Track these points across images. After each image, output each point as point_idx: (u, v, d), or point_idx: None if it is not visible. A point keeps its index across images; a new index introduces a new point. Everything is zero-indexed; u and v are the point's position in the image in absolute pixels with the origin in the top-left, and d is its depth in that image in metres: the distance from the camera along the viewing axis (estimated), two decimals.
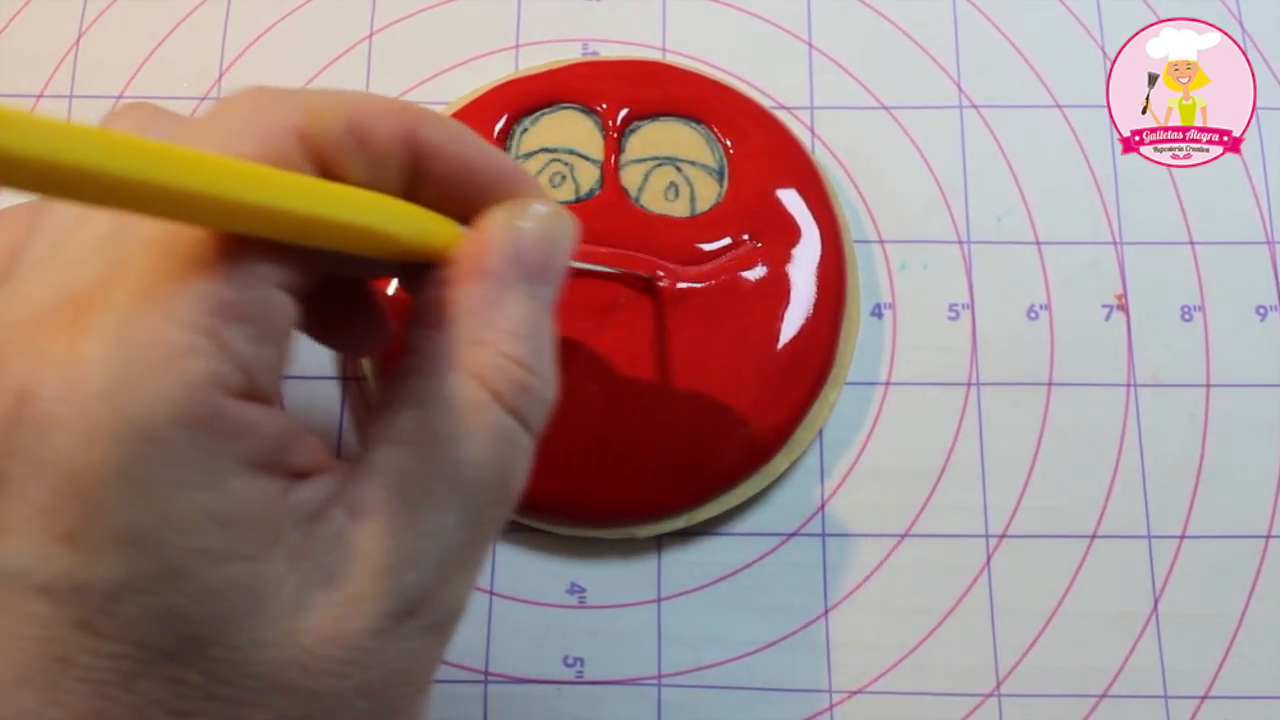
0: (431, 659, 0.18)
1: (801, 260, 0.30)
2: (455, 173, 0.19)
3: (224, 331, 0.15)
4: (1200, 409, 0.30)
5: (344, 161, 0.17)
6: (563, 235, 0.20)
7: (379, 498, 0.17)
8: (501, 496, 0.18)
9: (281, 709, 0.16)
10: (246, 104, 0.17)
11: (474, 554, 0.18)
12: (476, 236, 0.19)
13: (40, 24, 0.34)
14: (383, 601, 0.16)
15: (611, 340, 0.29)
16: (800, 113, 0.33)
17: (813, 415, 0.29)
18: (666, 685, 0.29)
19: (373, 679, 0.16)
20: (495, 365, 0.18)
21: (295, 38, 0.34)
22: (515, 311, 0.18)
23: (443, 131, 0.18)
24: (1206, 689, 0.28)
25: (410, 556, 0.17)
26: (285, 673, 0.16)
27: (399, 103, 0.18)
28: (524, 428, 0.18)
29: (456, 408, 0.17)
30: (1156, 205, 0.32)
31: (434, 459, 0.17)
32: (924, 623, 0.29)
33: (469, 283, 0.18)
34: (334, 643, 0.16)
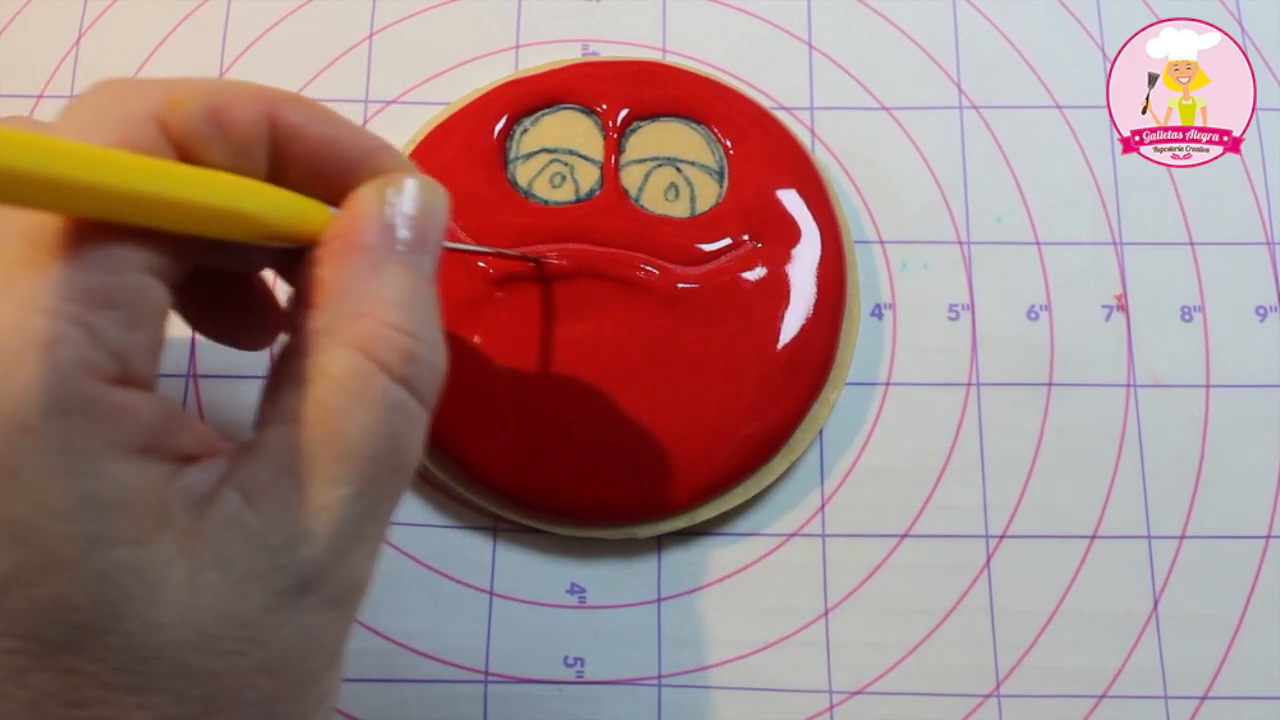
0: (334, 633, 0.18)
1: (801, 260, 0.30)
2: (321, 153, 0.19)
3: (92, 318, 0.15)
4: (1200, 409, 0.30)
5: (205, 147, 0.17)
6: (435, 205, 0.20)
7: (269, 476, 0.17)
8: (394, 467, 0.18)
9: (180, 691, 0.16)
10: (103, 95, 0.17)
11: (370, 526, 0.18)
12: (348, 212, 0.19)
13: (40, 24, 0.34)
14: (276, 578, 0.16)
15: (612, 340, 0.29)
16: (800, 113, 0.33)
17: (813, 415, 0.29)
18: (667, 685, 0.29)
19: (273, 655, 0.16)
20: (378, 335, 0.17)
21: (295, 38, 0.34)
22: (394, 282, 0.18)
23: (305, 112, 0.19)
24: (1206, 689, 0.28)
25: (303, 533, 0.17)
26: (181, 655, 0.16)
27: (258, 86, 0.18)
28: (414, 396, 0.18)
29: (342, 381, 0.17)
30: (1156, 205, 0.32)
31: (322, 434, 0.17)
32: (924, 623, 0.29)
33: (344, 259, 0.18)
34: (229, 622, 0.16)
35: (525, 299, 0.29)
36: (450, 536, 0.30)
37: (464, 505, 0.30)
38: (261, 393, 0.18)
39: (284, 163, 0.18)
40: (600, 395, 0.28)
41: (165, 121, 0.17)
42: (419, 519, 0.30)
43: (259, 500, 0.17)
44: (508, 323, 0.29)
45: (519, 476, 0.28)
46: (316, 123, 0.19)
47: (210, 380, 0.31)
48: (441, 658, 0.29)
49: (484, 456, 0.28)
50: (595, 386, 0.29)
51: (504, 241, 0.29)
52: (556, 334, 0.29)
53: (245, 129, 0.18)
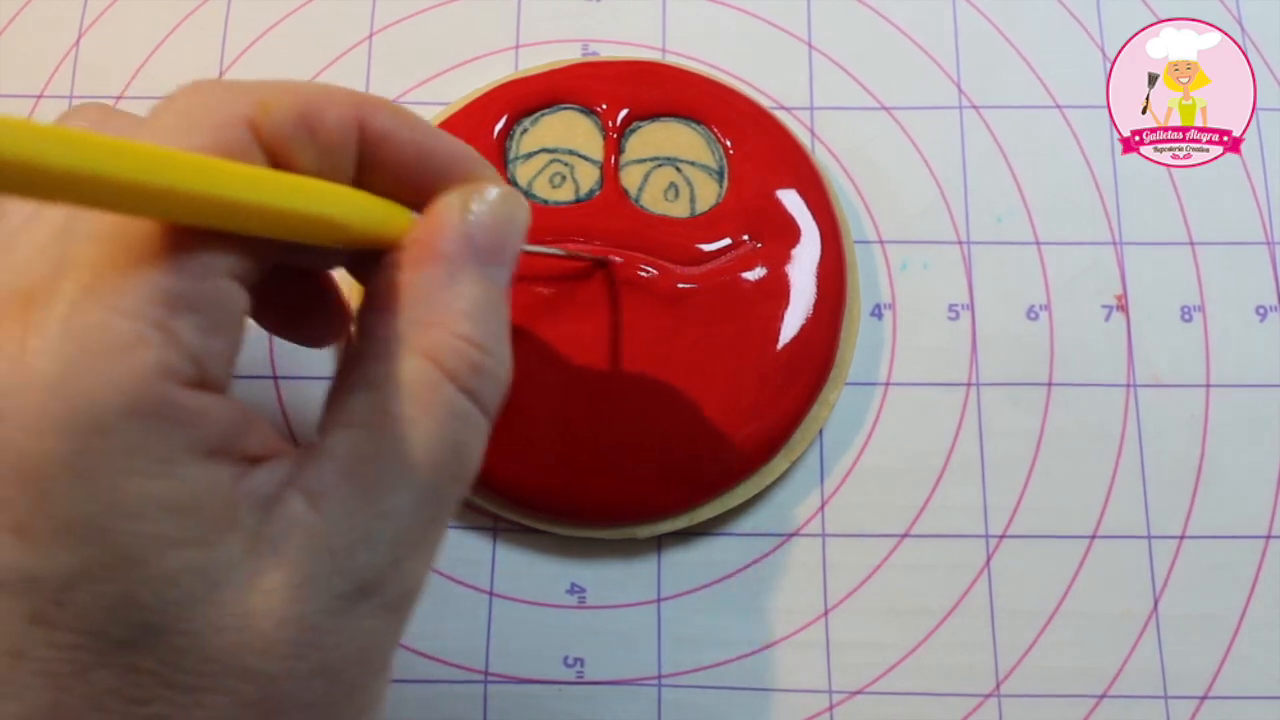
0: (388, 639, 0.18)
1: (801, 260, 0.30)
2: (407, 159, 0.19)
3: (173, 322, 0.15)
4: (1200, 409, 0.30)
5: (295, 150, 0.17)
6: (516, 217, 0.20)
7: (333, 480, 0.17)
8: (456, 476, 0.18)
9: (239, 693, 0.16)
10: (196, 98, 0.17)
11: (429, 534, 0.18)
12: (428, 220, 0.19)
13: (40, 24, 0.34)
14: (338, 582, 0.16)
15: (613, 341, 0.29)
16: (800, 113, 0.33)
17: (813, 415, 0.29)
18: (667, 685, 0.29)
19: (329, 659, 0.16)
20: (448, 345, 0.18)
21: (295, 38, 0.34)
22: (468, 293, 0.18)
23: (393, 118, 0.19)
24: (1206, 689, 0.28)
25: (365, 538, 0.17)
26: (242, 657, 0.16)
27: (348, 91, 0.18)
28: (478, 407, 0.18)
29: (409, 388, 0.17)
30: (1156, 205, 0.32)
31: (387, 440, 0.17)
32: (924, 623, 0.29)
33: (421, 265, 0.18)
34: (290, 625, 0.16)
35: (525, 299, 0.29)
36: (450, 537, 0.30)
37: (464, 505, 0.30)
38: (327, 395, 0.18)
39: (371, 167, 0.19)
40: (600, 395, 0.28)
41: (257, 124, 0.17)
42: None
43: (323, 503, 0.17)
44: None
45: (519, 476, 0.28)
46: (405, 129, 0.19)
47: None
48: (441, 658, 0.29)
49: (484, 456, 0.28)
50: (595, 386, 0.29)
51: None
52: (557, 334, 0.29)
53: (335, 134, 0.18)
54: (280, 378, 0.31)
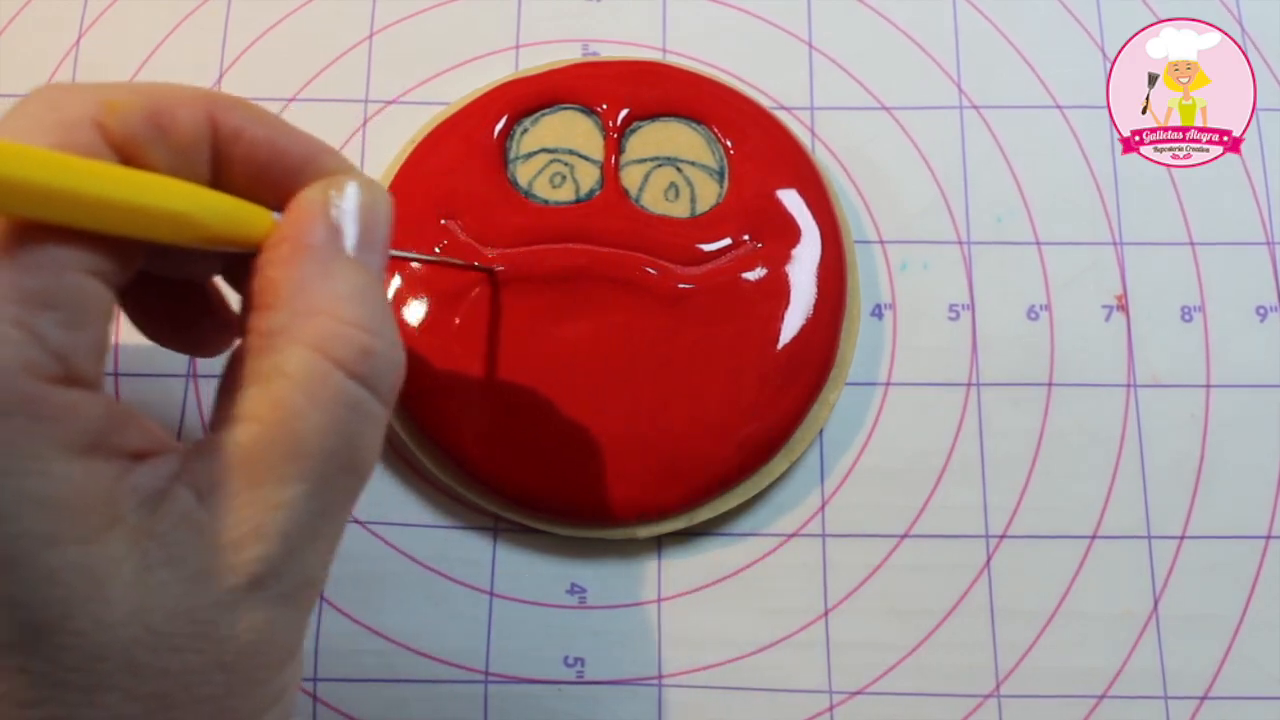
0: (288, 629, 0.18)
1: (801, 260, 0.30)
2: (263, 157, 0.19)
3: (32, 319, 0.15)
4: (1200, 409, 0.30)
5: (146, 150, 0.17)
6: (378, 204, 0.20)
7: (222, 474, 0.17)
8: (350, 466, 0.18)
9: (131, 689, 0.16)
10: (40, 101, 0.17)
11: (324, 526, 0.18)
12: (293, 215, 0.19)
13: (40, 24, 0.34)
14: (229, 576, 0.16)
15: (612, 340, 0.29)
16: (800, 113, 0.33)
17: (813, 415, 0.29)
18: (667, 685, 0.29)
19: (226, 652, 0.16)
20: (334, 333, 0.17)
21: (295, 38, 0.34)
22: (346, 279, 0.18)
23: (246, 115, 0.19)
24: (1206, 689, 0.28)
25: (255, 530, 0.17)
26: (132, 653, 0.16)
27: (198, 89, 0.19)
28: (372, 394, 0.18)
29: (297, 379, 0.17)
30: (1156, 205, 0.32)
31: (277, 432, 0.17)
32: (924, 623, 0.29)
33: (294, 259, 0.18)
34: (181, 619, 0.16)
35: (525, 299, 0.29)
36: (450, 536, 0.30)
37: (464, 505, 0.30)
38: (215, 395, 0.18)
39: (226, 167, 0.19)
40: (600, 395, 0.28)
41: (104, 125, 0.17)
42: (419, 519, 0.30)
43: (212, 497, 0.17)
44: (508, 323, 0.29)
45: (519, 476, 0.28)
46: (257, 126, 0.19)
47: (211, 380, 0.31)
48: (441, 658, 0.29)
49: (484, 456, 0.28)
50: (596, 386, 0.29)
51: (504, 241, 0.29)
52: (557, 334, 0.29)
53: (186, 132, 0.18)
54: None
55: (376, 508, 0.30)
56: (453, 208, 0.30)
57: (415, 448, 0.29)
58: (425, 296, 0.29)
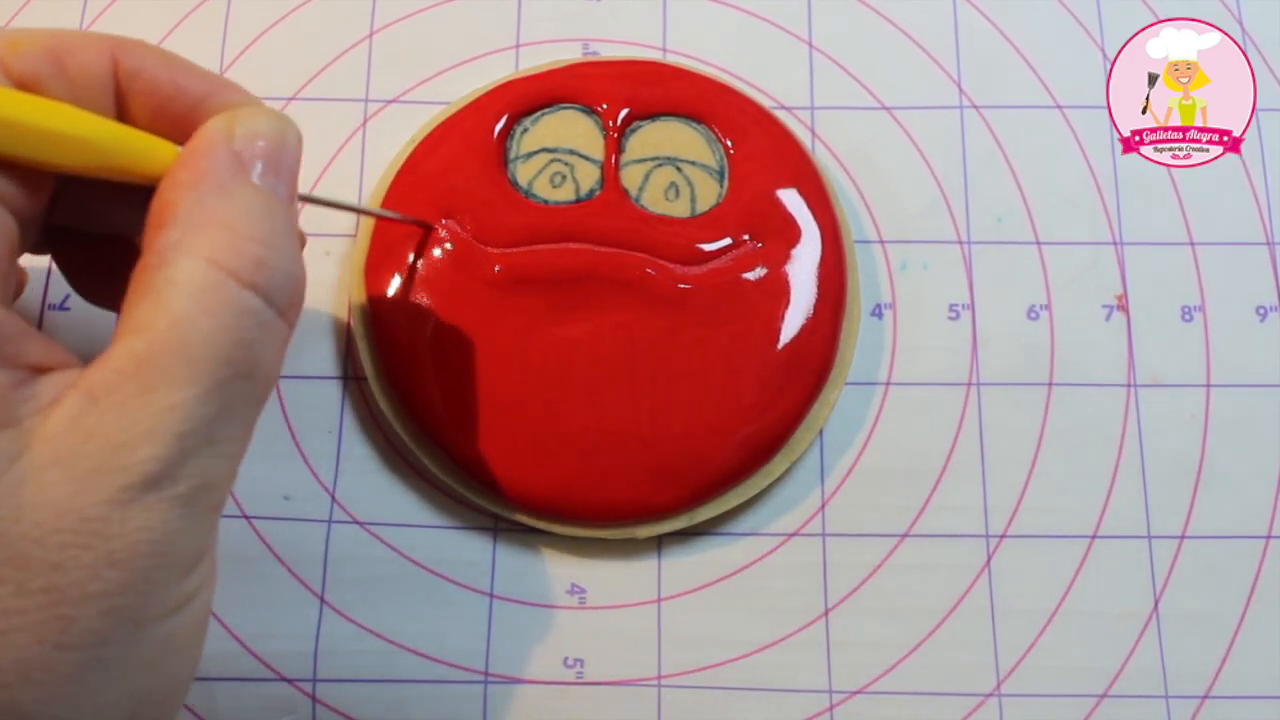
0: (188, 533, 0.18)
1: (801, 260, 0.30)
2: (165, 93, 0.20)
3: None
4: (1200, 409, 0.30)
5: (46, 87, 0.18)
6: (284, 132, 0.20)
7: (114, 380, 0.17)
8: (246, 372, 0.18)
9: (21, 583, 0.16)
10: None
11: (221, 429, 0.18)
12: (195, 142, 0.19)
13: (40, 24, 0.34)
14: (119, 475, 0.17)
15: (612, 340, 0.29)
16: (800, 113, 0.33)
17: (813, 415, 0.29)
18: (667, 686, 0.29)
19: (118, 549, 0.17)
20: (226, 244, 0.18)
21: (295, 38, 0.34)
22: (245, 198, 0.19)
23: (148, 56, 0.19)
24: (1207, 689, 0.28)
25: (147, 432, 0.17)
26: (20, 547, 0.16)
27: (100, 34, 0.19)
28: (267, 303, 0.18)
29: (187, 288, 0.18)
30: (1156, 205, 0.32)
31: (169, 340, 0.17)
32: (924, 623, 0.29)
33: (193, 180, 0.19)
34: (71, 515, 0.17)
35: (525, 299, 0.29)
36: (450, 537, 0.30)
37: (464, 505, 0.30)
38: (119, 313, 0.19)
39: (130, 105, 0.19)
40: (600, 395, 0.28)
41: (6, 63, 0.18)
42: (419, 520, 0.30)
43: (103, 402, 0.17)
44: (508, 323, 0.29)
45: (519, 476, 0.28)
46: (159, 65, 0.19)
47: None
48: (441, 658, 0.29)
49: (484, 457, 0.28)
50: (595, 387, 0.29)
51: (504, 241, 0.29)
52: (557, 334, 0.29)
53: (86, 69, 0.19)
54: (282, 377, 0.31)
55: (376, 508, 0.30)
56: (453, 207, 0.30)
57: (415, 448, 0.29)
58: (425, 296, 0.29)
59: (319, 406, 0.30)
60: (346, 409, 0.30)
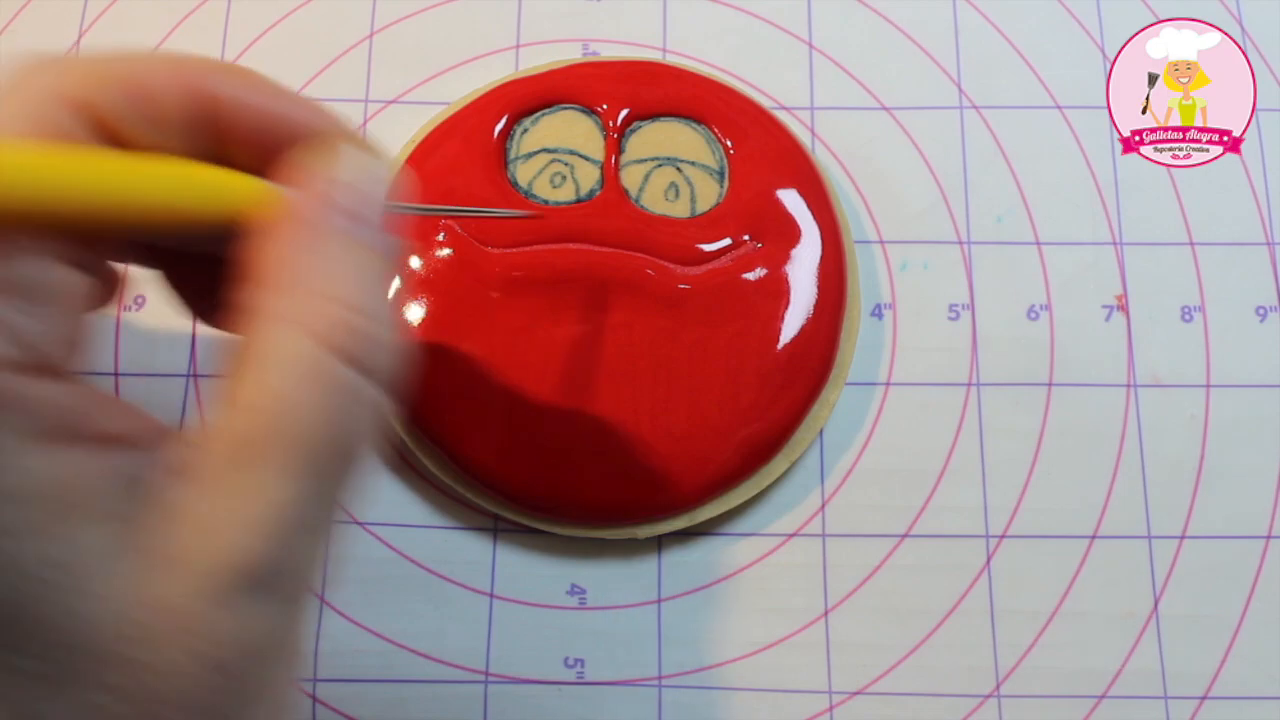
0: (279, 624, 0.17)
1: (801, 260, 0.30)
2: (253, 122, 0.18)
3: None
4: (1200, 409, 0.30)
5: (126, 125, 0.17)
6: (375, 172, 0.19)
7: (209, 462, 0.16)
8: (343, 454, 0.17)
9: (106, 681, 0.15)
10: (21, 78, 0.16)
11: (316, 516, 0.17)
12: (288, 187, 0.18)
13: (40, 24, 0.34)
14: (213, 567, 0.16)
15: (612, 340, 0.29)
16: (800, 113, 0.33)
17: (813, 415, 0.29)
18: (667, 686, 0.29)
19: (216, 651, 0.16)
20: (324, 314, 0.17)
21: (295, 38, 0.34)
22: (339, 256, 0.17)
23: (234, 81, 0.18)
24: (1207, 689, 0.28)
25: (244, 521, 0.16)
26: (106, 644, 0.15)
27: (185, 58, 0.18)
28: (367, 378, 0.17)
29: (287, 364, 0.16)
30: (1156, 205, 0.32)
31: (267, 420, 0.16)
32: (924, 623, 0.29)
33: (284, 234, 0.17)
34: (160, 611, 0.15)
35: (525, 299, 0.29)
36: (450, 537, 0.30)
37: (464, 505, 0.30)
38: None
39: (217, 135, 0.18)
40: (600, 395, 0.28)
41: (79, 101, 0.16)
42: (419, 520, 0.30)
43: (200, 486, 0.16)
44: (508, 323, 0.29)
45: (519, 476, 0.28)
46: (251, 93, 0.18)
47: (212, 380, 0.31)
48: (441, 658, 0.29)
49: (484, 456, 0.28)
50: (595, 387, 0.29)
51: (504, 241, 0.29)
52: (557, 334, 0.29)
53: (170, 102, 0.17)
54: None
55: (376, 508, 0.30)
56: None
57: (415, 448, 0.29)
58: (424, 297, 0.29)
59: None
60: None
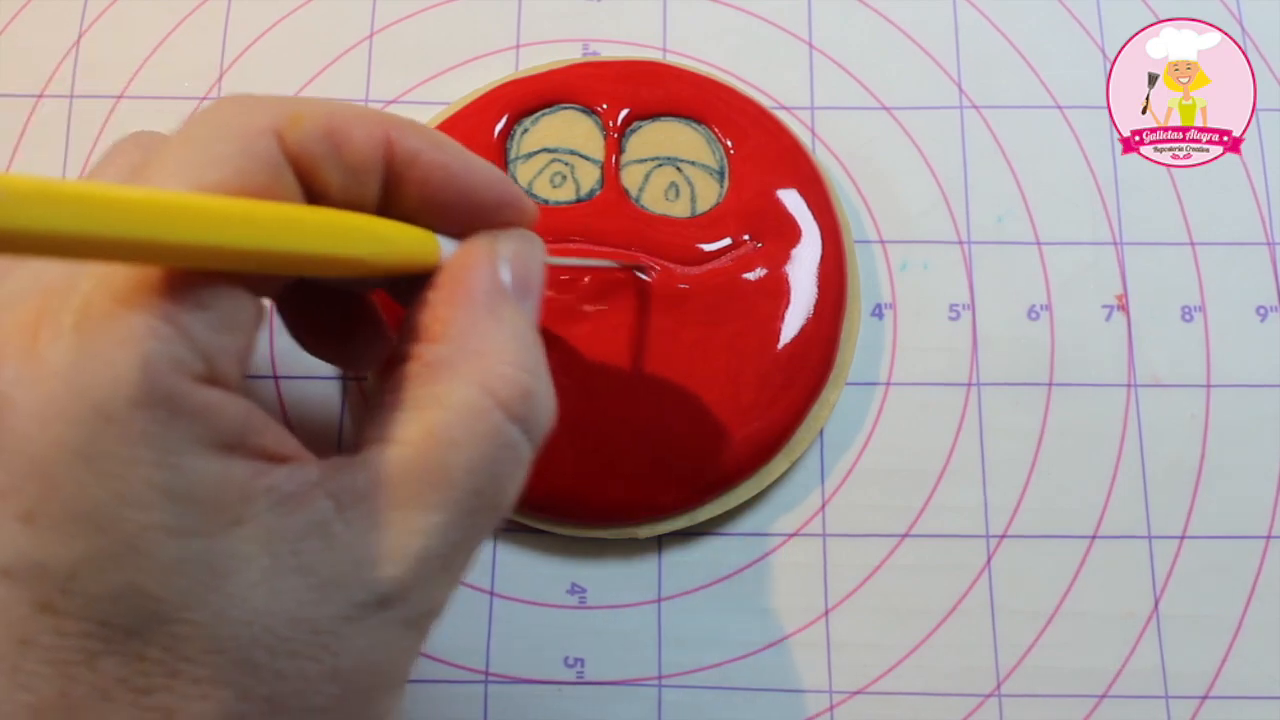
0: (405, 653, 0.18)
1: (802, 260, 0.30)
2: (435, 180, 0.19)
3: (182, 318, 0.16)
4: (1200, 409, 0.30)
5: (321, 166, 0.18)
6: (537, 254, 0.21)
7: (368, 491, 0.17)
8: (494, 504, 0.18)
9: (245, 688, 0.16)
10: (227, 108, 0.18)
11: (458, 558, 0.18)
12: (463, 257, 0.19)
13: (40, 24, 0.34)
14: (358, 591, 0.16)
15: (612, 341, 0.29)
16: (800, 113, 0.33)
17: (813, 415, 0.29)
18: (667, 686, 0.29)
19: (343, 666, 0.17)
20: (500, 374, 0.18)
21: (295, 38, 0.34)
22: (512, 323, 0.19)
23: (422, 140, 0.19)
24: (1207, 689, 0.28)
25: (392, 552, 0.17)
26: (249, 651, 0.16)
27: (379, 111, 0.19)
28: (526, 436, 0.18)
29: (458, 412, 0.17)
30: (1156, 205, 0.32)
31: (428, 460, 0.17)
32: (924, 623, 0.29)
33: (463, 299, 0.19)
34: (303, 625, 0.16)
35: None
36: None
37: None
38: (367, 414, 0.18)
39: (398, 187, 0.19)
40: (600, 395, 0.28)
41: (284, 136, 0.17)
42: None
43: (351, 511, 0.17)
44: None
45: None
46: (434, 150, 0.19)
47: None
48: (441, 658, 0.29)
49: None
50: (595, 386, 0.29)
51: None
52: (557, 334, 0.29)
53: (362, 152, 0.18)
54: (280, 377, 0.31)
55: None
56: None
57: None
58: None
59: (319, 406, 0.30)
60: (346, 409, 0.30)
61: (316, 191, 0.18)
